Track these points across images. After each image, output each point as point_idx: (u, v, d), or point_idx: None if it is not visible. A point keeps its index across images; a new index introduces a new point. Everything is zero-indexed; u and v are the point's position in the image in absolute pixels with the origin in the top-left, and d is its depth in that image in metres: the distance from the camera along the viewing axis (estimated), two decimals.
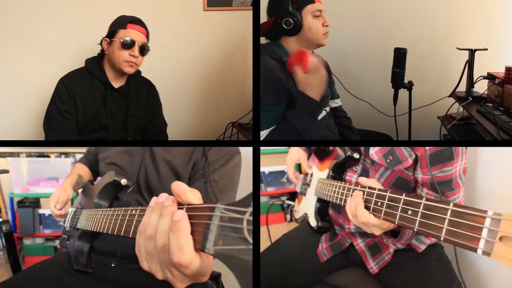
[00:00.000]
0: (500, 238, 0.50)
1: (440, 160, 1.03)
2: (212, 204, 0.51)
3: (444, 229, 0.59)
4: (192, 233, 0.52)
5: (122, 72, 1.51)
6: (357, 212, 0.85)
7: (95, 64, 1.52)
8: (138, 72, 1.64)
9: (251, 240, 0.44)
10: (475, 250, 0.53)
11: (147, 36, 1.52)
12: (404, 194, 0.71)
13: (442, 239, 0.59)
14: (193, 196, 0.58)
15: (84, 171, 1.46)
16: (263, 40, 1.47)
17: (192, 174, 1.25)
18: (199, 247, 0.50)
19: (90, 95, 1.50)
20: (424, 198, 0.66)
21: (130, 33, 1.46)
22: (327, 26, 1.38)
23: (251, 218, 0.45)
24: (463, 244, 0.55)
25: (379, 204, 0.79)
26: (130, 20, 1.48)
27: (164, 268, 0.56)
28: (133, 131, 1.63)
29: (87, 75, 1.50)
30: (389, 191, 0.77)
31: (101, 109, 1.53)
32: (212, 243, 0.48)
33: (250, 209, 0.45)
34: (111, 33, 1.48)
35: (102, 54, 1.54)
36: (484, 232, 0.52)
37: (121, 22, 1.48)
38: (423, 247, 1.15)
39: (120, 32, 1.46)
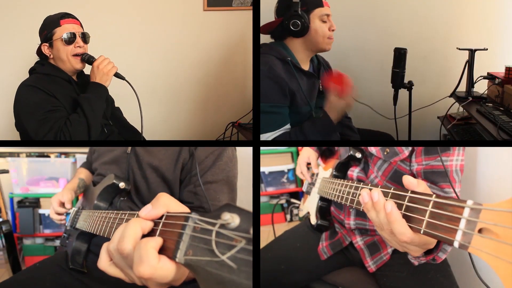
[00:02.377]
0: (480, 231, 0.46)
1: (435, 151, 1.03)
2: (187, 214, 0.51)
3: (424, 222, 0.56)
4: (166, 241, 0.52)
5: (74, 69, 1.47)
6: (394, 228, 0.63)
7: (48, 66, 1.46)
8: None
9: (218, 253, 0.43)
10: (451, 243, 0.49)
11: (81, 25, 1.50)
12: (392, 188, 0.70)
13: (422, 232, 0.57)
14: (161, 208, 0.58)
15: (86, 175, 1.46)
16: (264, 40, 1.47)
17: (182, 177, 1.19)
18: (171, 256, 0.50)
19: (65, 92, 1.44)
20: (409, 191, 0.63)
21: (67, 28, 1.43)
22: (333, 30, 1.40)
23: (221, 230, 0.45)
24: (441, 237, 0.52)
25: None
26: (60, 16, 1.44)
27: (132, 275, 0.56)
28: (113, 121, 1.60)
29: (45, 78, 1.42)
30: (379, 186, 0.76)
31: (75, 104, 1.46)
32: (183, 253, 0.49)
33: (220, 221, 0.45)
34: (47, 36, 1.43)
35: (43, 61, 1.49)
36: (462, 223, 0.48)
37: (53, 22, 1.44)
38: (443, 257, 1.02)
39: (56, 31, 1.42)
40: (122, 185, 1.14)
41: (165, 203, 0.59)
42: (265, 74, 1.28)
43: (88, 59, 1.46)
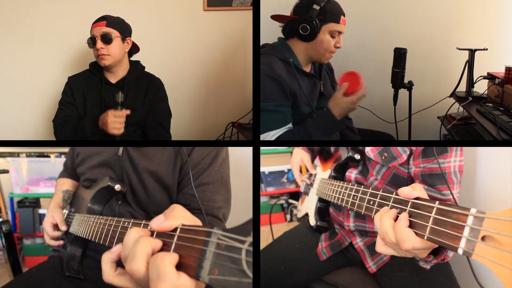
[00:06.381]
0: (483, 238, 0.48)
1: (433, 153, 1.03)
2: (209, 229, 0.48)
3: (428, 228, 0.57)
4: (184, 257, 0.49)
5: (106, 68, 1.61)
6: (398, 235, 0.64)
7: (95, 64, 1.67)
8: (140, 67, 1.71)
9: (250, 274, 0.41)
10: (456, 249, 0.51)
11: (108, 24, 1.57)
12: (394, 193, 0.70)
13: (426, 238, 0.57)
14: (175, 220, 0.55)
15: (69, 184, 1.40)
16: (264, 40, 1.47)
17: (180, 179, 1.17)
18: (193, 274, 0.47)
19: (87, 89, 1.63)
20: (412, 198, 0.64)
21: (91, 32, 1.57)
22: (337, 47, 1.40)
23: (250, 248, 0.42)
24: (445, 244, 0.53)
25: (371, 202, 0.79)
26: (93, 22, 1.59)
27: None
28: (131, 125, 1.59)
29: (88, 74, 1.66)
30: (381, 190, 0.76)
31: (98, 103, 1.63)
32: (207, 272, 0.45)
33: (250, 239, 0.42)
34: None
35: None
36: (466, 231, 0.50)
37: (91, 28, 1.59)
38: (450, 255, 0.99)
39: (90, 35, 1.58)
40: (117, 187, 1.10)
41: (179, 216, 0.56)
42: (268, 74, 1.28)
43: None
